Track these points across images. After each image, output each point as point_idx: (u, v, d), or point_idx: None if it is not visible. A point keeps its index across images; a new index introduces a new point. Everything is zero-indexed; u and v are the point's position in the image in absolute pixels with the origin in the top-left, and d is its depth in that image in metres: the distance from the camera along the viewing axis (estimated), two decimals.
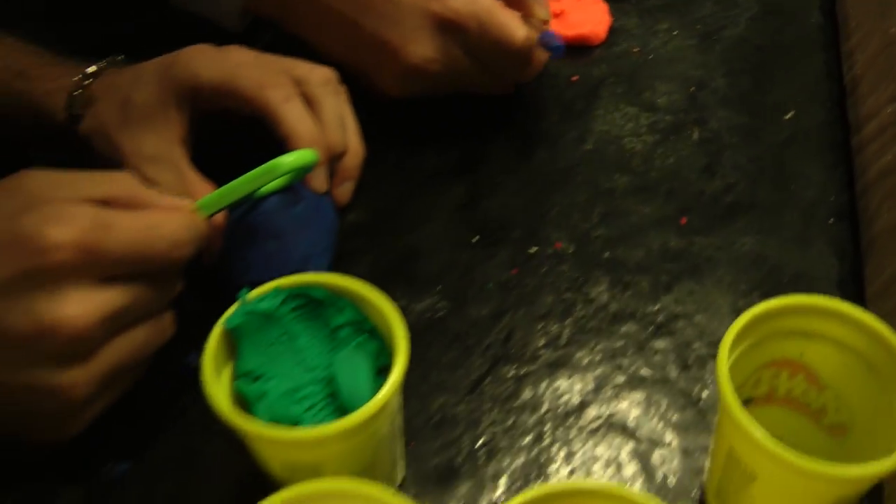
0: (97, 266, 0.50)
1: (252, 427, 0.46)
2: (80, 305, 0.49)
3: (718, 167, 0.72)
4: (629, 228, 0.68)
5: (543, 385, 0.59)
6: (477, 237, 0.68)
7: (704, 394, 0.59)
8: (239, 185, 0.56)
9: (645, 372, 0.60)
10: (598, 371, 0.60)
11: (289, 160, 0.56)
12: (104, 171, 0.55)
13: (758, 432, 0.43)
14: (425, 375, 0.58)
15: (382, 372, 0.50)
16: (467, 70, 0.72)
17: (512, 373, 0.60)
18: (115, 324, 0.51)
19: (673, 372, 0.60)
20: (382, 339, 0.50)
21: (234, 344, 0.50)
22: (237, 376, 0.50)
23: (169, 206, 0.54)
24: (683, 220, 0.68)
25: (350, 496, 0.43)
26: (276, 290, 0.50)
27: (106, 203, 0.52)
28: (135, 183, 0.54)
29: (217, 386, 0.47)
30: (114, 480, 0.56)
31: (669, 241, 0.67)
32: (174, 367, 0.60)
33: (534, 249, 0.67)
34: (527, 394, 0.59)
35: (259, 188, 0.57)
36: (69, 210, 0.49)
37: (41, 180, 0.52)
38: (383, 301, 0.49)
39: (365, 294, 0.50)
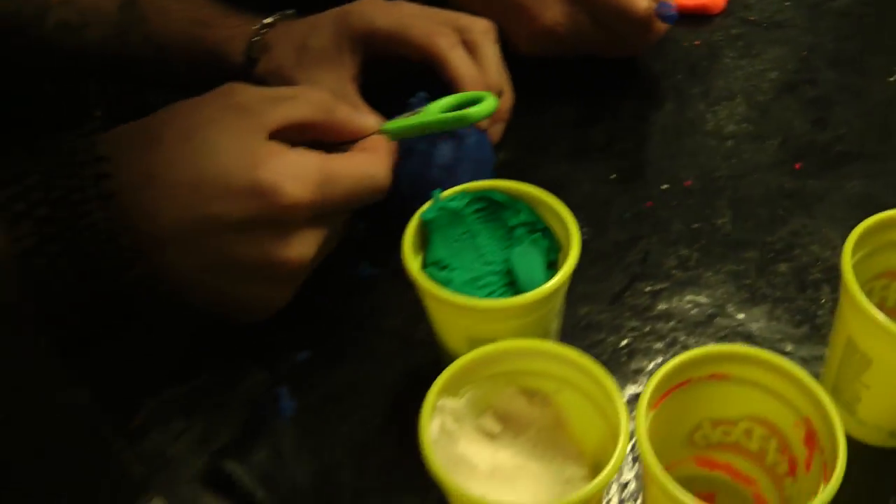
0: (319, 212, 0.57)
1: (444, 293, 0.55)
2: (303, 247, 0.57)
3: (829, 121, 0.80)
4: (749, 170, 0.76)
5: (676, 299, 0.68)
6: (614, 174, 0.76)
7: (820, 312, 0.66)
8: (430, 124, 0.63)
9: (766, 291, 0.68)
10: (724, 289, 0.68)
11: (477, 111, 0.62)
12: (302, 90, 0.63)
13: (877, 314, 0.51)
14: (573, 287, 0.66)
15: (551, 267, 0.59)
16: (592, 34, 0.80)
17: (648, 288, 0.69)
18: (320, 250, 0.60)
19: (791, 292, 0.68)
20: (553, 238, 0.59)
21: (425, 238, 0.59)
22: (426, 265, 0.58)
23: (360, 128, 0.62)
24: (798, 165, 0.76)
25: (532, 353, 0.52)
26: (464, 193, 0.59)
27: (308, 125, 0.60)
28: (330, 103, 0.61)
29: (414, 262, 0.56)
30: (296, 365, 0.66)
31: (785, 182, 0.75)
32: (347, 276, 0.69)
33: (665, 186, 0.75)
34: (661, 306, 0.67)
35: (446, 131, 0.65)
36: (301, 165, 0.56)
37: (252, 99, 0.59)
38: (557, 202, 0.58)
39: (540, 196, 0.59)
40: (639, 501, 0.58)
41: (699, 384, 0.52)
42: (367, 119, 0.63)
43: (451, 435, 0.51)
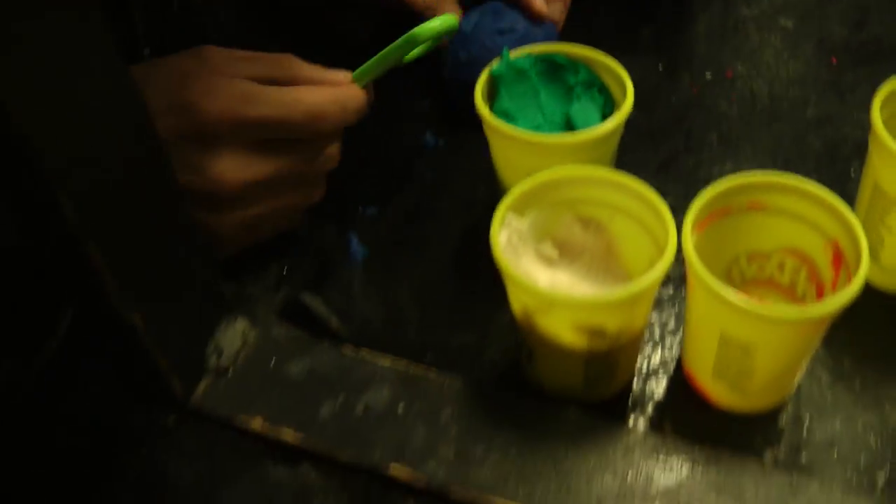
0: (244, 132, 0.59)
1: (509, 129, 0.61)
2: (235, 167, 0.59)
3: (866, 24, 0.86)
4: (787, 63, 0.82)
5: (716, 168, 0.74)
6: (661, 66, 0.82)
7: (849, 182, 0.72)
8: (386, 55, 0.63)
9: (799, 162, 0.74)
10: (761, 160, 0.74)
11: (426, 29, 0.62)
12: (271, 55, 0.63)
13: None
14: (621, 157, 0.72)
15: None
16: None
17: (691, 160, 0.75)
18: (266, 188, 0.61)
19: (823, 164, 0.73)
20: (609, 95, 0.65)
21: (494, 91, 0.65)
22: (494, 113, 0.64)
23: (329, 80, 0.62)
24: (833, 60, 0.82)
25: (589, 181, 0.58)
26: (529, 54, 0.65)
27: (270, 81, 0.61)
28: (298, 64, 0.62)
29: (484, 108, 0.63)
30: (365, 219, 0.72)
31: (821, 74, 0.81)
32: (413, 144, 0.76)
33: (709, 75, 0.81)
34: (702, 173, 0.73)
35: (406, 54, 0.64)
36: (222, 84, 0.58)
37: (218, 55, 0.61)
38: (613, 62, 0.64)
39: (598, 58, 0.65)
40: (678, 337, 0.64)
41: (738, 215, 0.57)
42: (336, 74, 0.63)
43: (515, 250, 0.57)
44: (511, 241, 0.56)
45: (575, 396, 0.59)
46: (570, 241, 0.60)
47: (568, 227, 0.59)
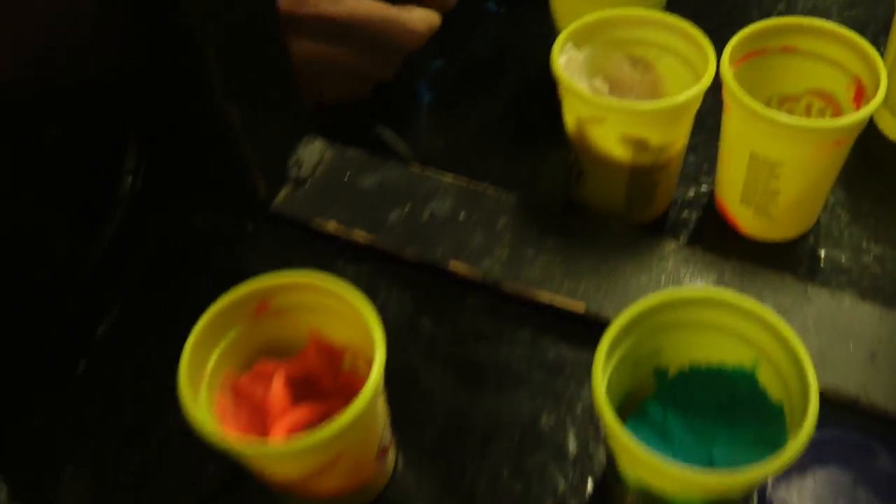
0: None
1: None
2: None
3: None
4: None
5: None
6: None
7: None
8: None
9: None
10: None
11: None
12: None
13: None
14: None
15: None
16: None
17: (732, 32, 0.80)
18: (340, 31, 0.66)
19: None
20: None
21: None
22: None
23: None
24: None
25: (640, 21, 0.65)
26: None
27: None
28: None
29: None
30: (431, 70, 0.80)
31: None
32: (477, 10, 0.83)
33: None
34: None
35: None
36: None
37: None
38: None
39: None
40: (711, 177, 0.71)
41: (771, 57, 0.64)
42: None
43: (571, 78, 0.64)
44: (568, 67, 0.63)
45: (617, 217, 0.66)
46: (620, 79, 0.66)
47: (618, 65, 0.66)
